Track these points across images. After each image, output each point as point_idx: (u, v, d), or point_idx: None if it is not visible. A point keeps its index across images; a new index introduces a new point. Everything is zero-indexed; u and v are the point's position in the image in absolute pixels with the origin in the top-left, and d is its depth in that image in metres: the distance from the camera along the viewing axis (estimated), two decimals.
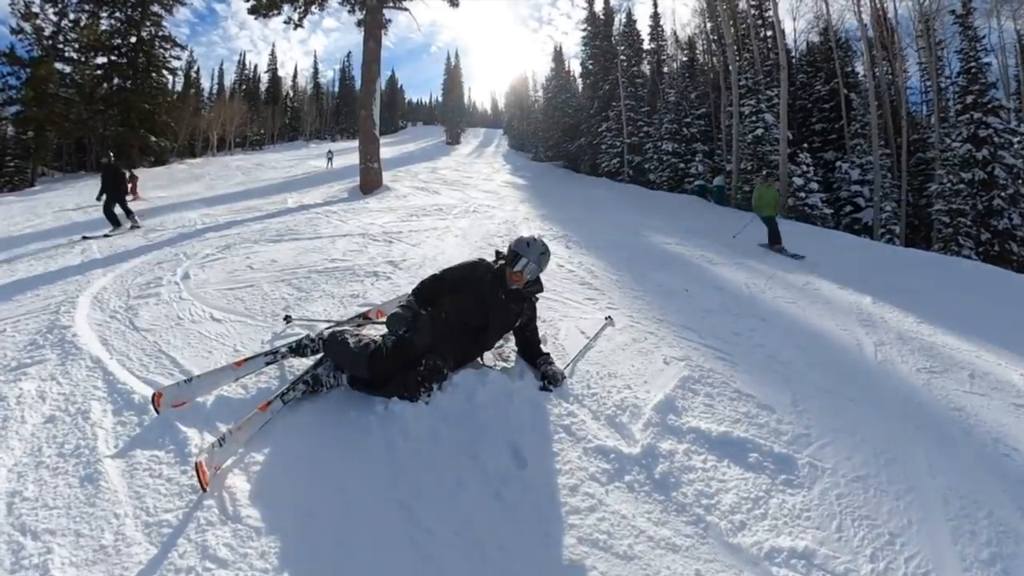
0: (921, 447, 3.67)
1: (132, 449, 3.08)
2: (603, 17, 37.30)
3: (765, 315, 6.47)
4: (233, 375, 3.41)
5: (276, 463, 2.95)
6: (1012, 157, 19.34)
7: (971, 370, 5.32)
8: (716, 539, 2.66)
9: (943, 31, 23.28)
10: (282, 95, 44.86)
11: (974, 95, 20.19)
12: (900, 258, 14.01)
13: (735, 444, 3.35)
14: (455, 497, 2.75)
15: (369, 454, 3.04)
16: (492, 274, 3.93)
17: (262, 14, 20.42)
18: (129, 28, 38.61)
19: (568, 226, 12.07)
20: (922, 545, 2.75)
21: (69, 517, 2.60)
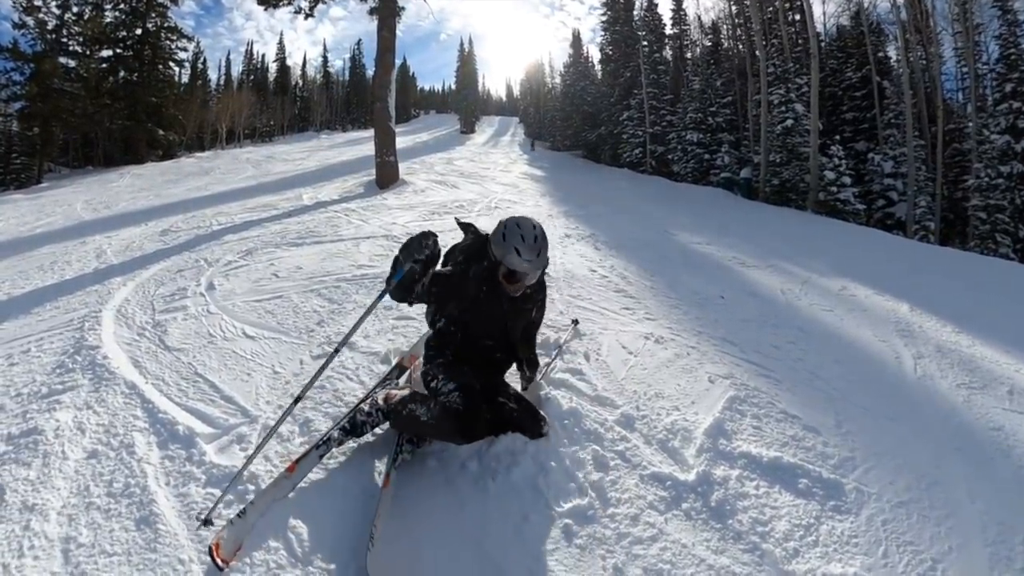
0: (961, 470, 3.78)
1: (185, 486, 3.11)
2: (623, 1, 37.16)
3: (803, 325, 6.58)
4: (289, 485, 3.04)
5: (335, 503, 3.01)
6: None
7: (1010, 386, 5.38)
8: (772, 566, 2.80)
9: (981, 14, 23.04)
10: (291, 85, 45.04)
11: (1013, 83, 20.08)
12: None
13: (785, 470, 3.49)
14: (521, 532, 2.88)
15: (431, 492, 3.14)
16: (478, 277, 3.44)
17: (272, 4, 20.55)
18: (134, 20, 38.87)
19: (594, 224, 12.13)
20: (962, 571, 2.89)
21: (131, 565, 2.61)
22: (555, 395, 3.95)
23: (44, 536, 2.79)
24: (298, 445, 3.44)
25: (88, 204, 16.91)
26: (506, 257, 3.26)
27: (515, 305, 3.53)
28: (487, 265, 3.42)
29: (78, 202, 17.61)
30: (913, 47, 24.89)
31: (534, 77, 49.98)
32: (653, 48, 34.07)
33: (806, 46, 23.00)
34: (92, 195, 18.96)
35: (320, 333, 5.25)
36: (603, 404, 4.07)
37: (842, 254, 12.41)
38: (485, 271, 3.43)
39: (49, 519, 2.90)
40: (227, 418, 3.80)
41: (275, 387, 4.24)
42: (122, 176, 26.20)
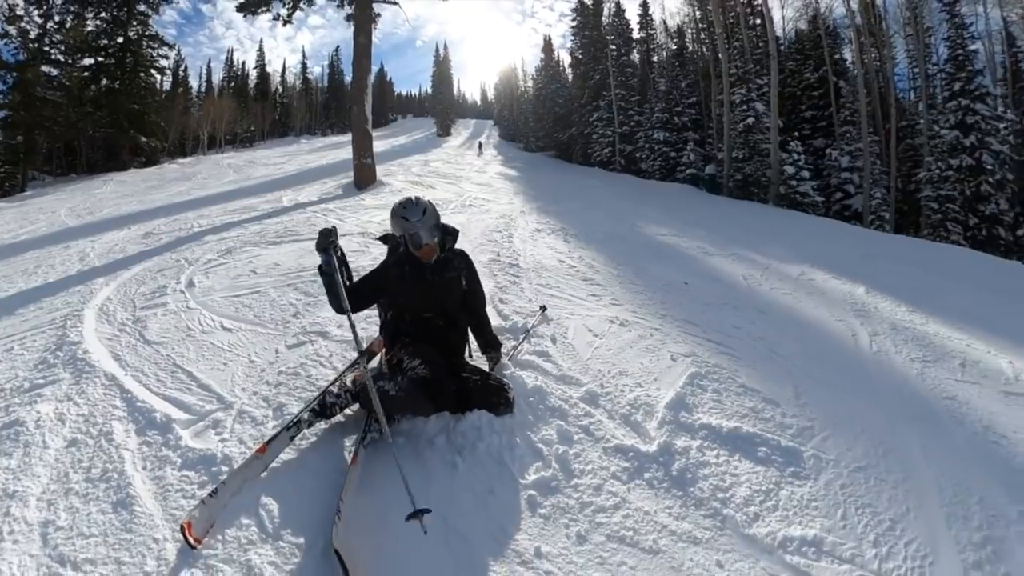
0: (916, 436, 3.83)
1: (161, 469, 3.08)
2: (592, 7, 37.27)
3: (763, 307, 6.65)
4: (261, 466, 3.05)
5: (304, 481, 2.98)
6: (999, 143, 19.61)
7: (962, 359, 5.48)
8: (733, 531, 2.80)
9: (930, 18, 23.50)
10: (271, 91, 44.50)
11: (961, 82, 20.42)
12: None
13: (745, 439, 3.50)
14: (486, 504, 2.85)
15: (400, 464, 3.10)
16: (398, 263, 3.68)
17: (251, 11, 20.33)
18: (116, 28, 38.04)
19: (565, 219, 12.18)
20: (920, 531, 2.91)
21: (107, 545, 2.59)
22: (521, 375, 3.93)
23: (24, 521, 2.74)
24: (271, 428, 3.39)
25: (72, 211, 16.54)
26: (402, 227, 3.56)
27: (437, 274, 3.68)
28: (400, 250, 3.65)
29: (62, 209, 17.22)
30: (867, 49, 25.25)
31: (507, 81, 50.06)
32: (621, 52, 34.21)
33: (766, 49, 23.28)
34: (76, 202, 18.60)
35: (295, 324, 5.17)
36: (568, 383, 4.05)
37: (801, 243, 12.55)
38: (400, 256, 3.67)
39: (29, 505, 2.85)
40: (203, 405, 3.75)
41: (250, 375, 4.18)
42: (105, 183, 25.69)
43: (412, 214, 3.56)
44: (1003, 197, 19.48)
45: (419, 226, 3.54)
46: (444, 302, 3.70)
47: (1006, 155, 19.77)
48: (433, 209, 3.68)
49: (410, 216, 3.55)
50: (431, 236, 3.60)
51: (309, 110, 46.40)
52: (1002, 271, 12.45)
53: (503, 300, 5.88)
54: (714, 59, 27.19)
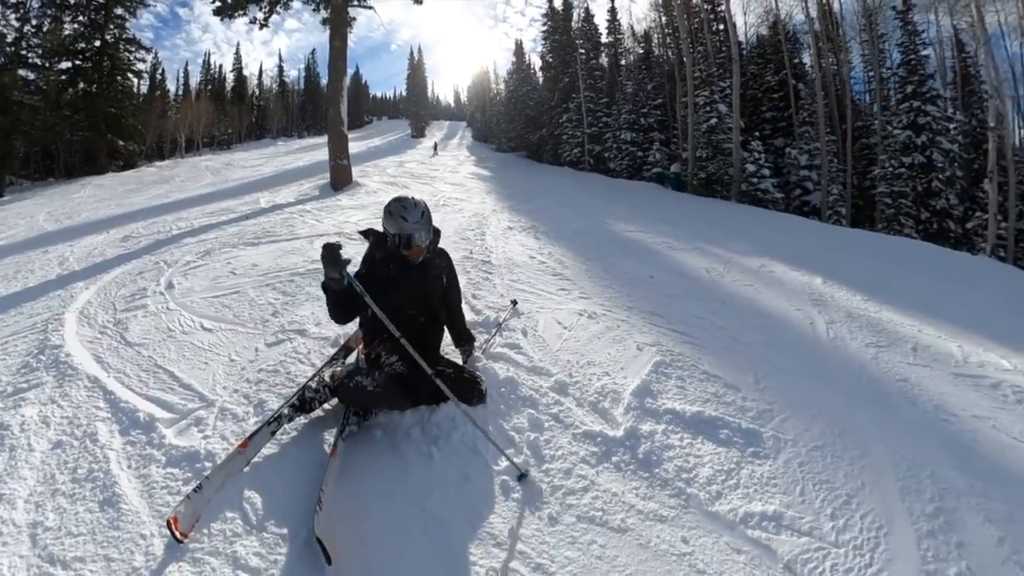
0: (871, 417, 3.92)
1: (146, 468, 3.07)
2: (562, 12, 37.37)
3: (725, 298, 6.75)
4: (243, 460, 3.06)
5: (286, 474, 3.00)
6: (948, 142, 20.10)
7: (914, 343, 5.61)
8: (697, 508, 2.87)
9: (885, 25, 23.98)
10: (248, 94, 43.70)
11: (913, 85, 20.87)
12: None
13: (707, 422, 3.57)
14: (463, 491, 2.90)
15: (377, 459, 3.15)
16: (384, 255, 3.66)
17: (228, 14, 20.05)
18: (93, 32, 36.84)
19: (535, 216, 12.21)
20: (875, 504, 2.99)
21: (96, 543, 2.59)
22: (493, 367, 3.98)
23: (12, 523, 2.73)
24: (252, 424, 3.39)
25: (50, 215, 16.12)
26: (399, 226, 3.47)
27: (422, 272, 3.67)
28: (389, 247, 3.57)
29: (40, 213, 16.75)
30: (825, 54, 25.70)
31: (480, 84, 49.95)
32: (590, 56, 34.36)
33: (729, 53, 23.60)
34: (54, 206, 18.15)
35: (274, 323, 5.15)
36: (539, 373, 4.09)
37: (762, 237, 12.73)
38: (389, 252, 3.60)
39: (16, 507, 2.84)
40: (185, 403, 3.73)
41: (231, 373, 4.16)
42: (83, 187, 25.11)
43: (411, 215, 3.49)
44: (952, 193, 19.97)
45: (417, 227, 3.50)
46: (427, 299, 3.71)
47: (955, 153, 20.28)
48: (428, 210, 3.65)
49: (409, 217, 3.49)
50: (425, 238, 3.58)
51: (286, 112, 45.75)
52: (952, 261, 12.79)
53: (476, 296, 5.90)
54: (679, 63, 27.48)
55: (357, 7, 19.82)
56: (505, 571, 2.47)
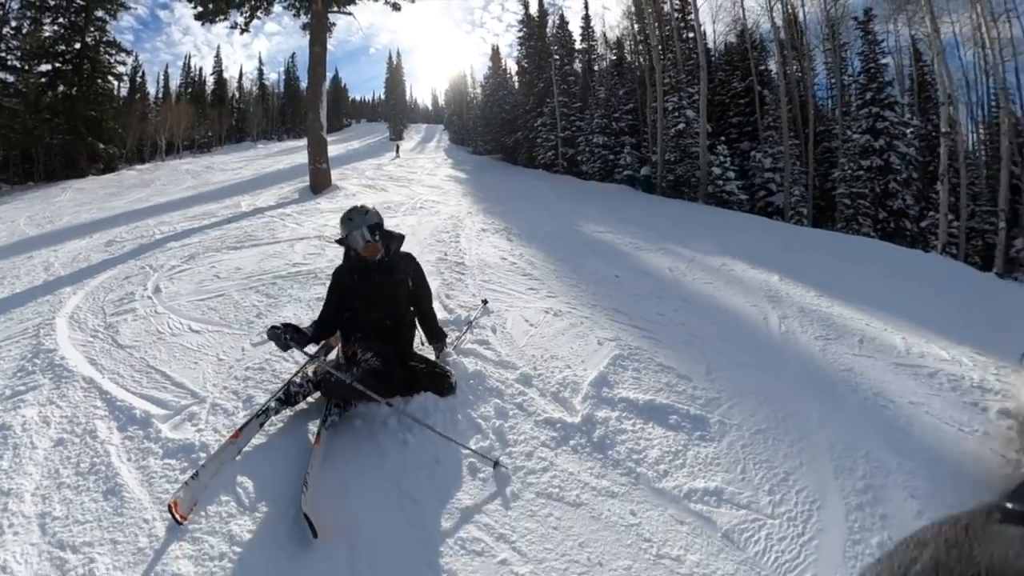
0: (814, 403, 4.20)
1: (145, 460, 3.22)
2: (537, 19, 37.47)
3: (686, 296, 7.02)
4: (236, 449, 3.21)
5: (275, 461, 3.18)
6: (905, 146, 20.64)
7: (860, 336, 5.90)
8: (645, 485, 3.13)
9: (847, 35, 24.51)
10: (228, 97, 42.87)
11: (873, 92, 21.37)
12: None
13: (658, 409, 3.84)
14: (434, 473, 3.12)
15: (357, 446, 3.35)
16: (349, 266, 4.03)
17: (209, 19, 19.91)
18: (73, 34, 35.59)
19: (509, 218, 12.31)
20: (810, 481, 3.27)
21: (102, 529, 2.73)
22: (463, 361, 4.25)
23: (21, 515, 2.85)
24: (242, 418, 3.55)
25: (31, 220, 15.76)
26: (348, 227, 3.88)
27: (386, 277, 3.95)
28: (351, 255, 3.98)
29: (21, 218, 16.29)
30: (790, 61, 26.18)
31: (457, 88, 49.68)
32: (564, 61, 34.50)
33: (697, 60, 23.99)
34: (35, 211, 17.79)
35: (259, 324, 5.27)
36: (505, 367, 4.33)
37: (726, 237, 13.00)
38: (352, 261, 3.98)
39: (24, 500, 2.95)
40: (178, 400, 3.88)
41: (220, 372, 4.31)
42: (64, 191, 24.64)
43: (355, 215, 3.88)
44: (909, 194, 20.51)
45: (362, 223, 3.85)
46: (391, 303, 3.94)
47: (911, 156, 20.82)
48: (375, 210, 3.99)
49: (354, 217, 3.87)
50: (372, 233, 3.88)
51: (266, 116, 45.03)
52: (906, 259, 13.21)
53: (449, 296, 6.08)
54: (649, 69, 27.75)
55: (337, 12, 19.78)
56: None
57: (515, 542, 2.70)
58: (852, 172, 21.33)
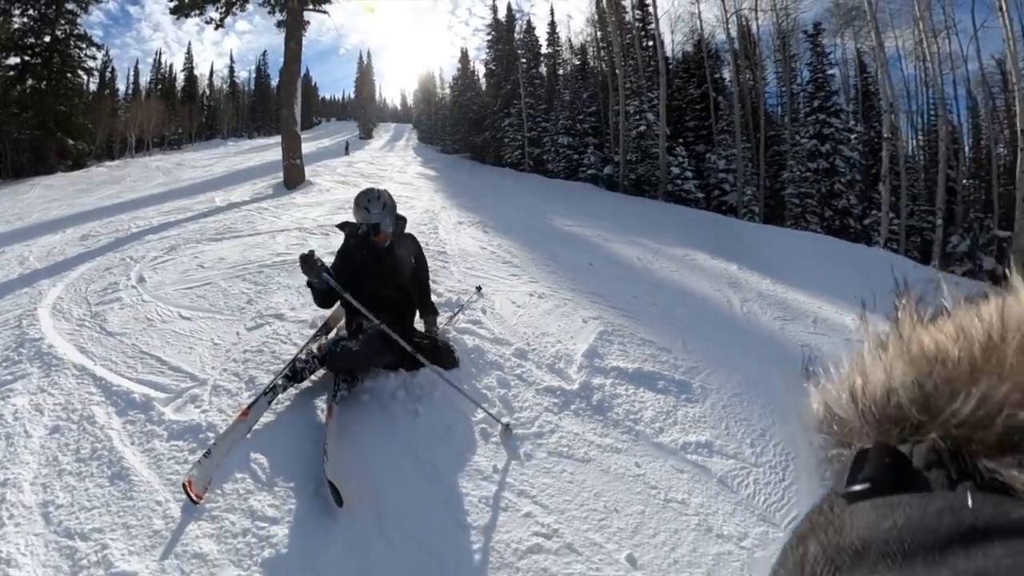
0: (779, 373, 4.42)
1: (150, 442, 3.13)
2: (505, 23, 37.51)
3: (656, 281, 7.25)
4: (246, 427, 3.14)
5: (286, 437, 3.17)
6: (849, 151, 21.40)
7: (814, 317, 6.25)
8: (645, 441, 3.34)
9: (797, 47, 25.10)
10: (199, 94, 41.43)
11: (820, 100, 22.09)
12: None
13: (647, 376, 4.05)
14: (448, 439, 3.21)
15: (369, 418, 3.38)
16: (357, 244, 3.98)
17: (184, 14, 19.40)
18: (43, 27, 33.81)
19: (482, 213, 12.32)
20: (783, 436, 3.53)
21: (112, 514, 2.63)
22: (462, 338, 4.31)
23: (21, 505, 2.73)
24: (247, 398, 3.50)
25: None
26: (364, 217, 3.84)
27: (391, 256, 3.95)
28: (360, 235, 3.93)
29: None
30: (743, 70, 26.80)
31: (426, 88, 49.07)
32: (531, 65, 34.57)
33: (657, 67, 24.67)
34: (3, 207, 16.80)
35: (251, 309, 5.15)
36: (501, 343, 4.41)
37: (686, 231, 13.31)
38: (361, 240, 3.94)
39: (23, 489, 2.83)
40: (178, 384, 3.78)
41: (217, 355, 4.21)
42: (32, 187, 23.61)
43: (373, 207, 3.84)
44: (852, 194, 21.27)
45: (379, 217, 3.84)
46: (397, 279, 3.96)
47: (855, 160, 21.59)
48: (391, 200, 3.99)
49: (372, 208, 3.83)
50: (388, 226, 3.91)
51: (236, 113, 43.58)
52: (850, 252, 13.82)
53: (436, 281, 6.04)
54: (612, 75, 28.16)
55: (313, 11, 19.46)
56: None
57: (535, 496, 2.82)
58: (800, 174, 22.02)
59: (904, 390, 0.33)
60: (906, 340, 0.36)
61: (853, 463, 0.33)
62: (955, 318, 0.35)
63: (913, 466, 0.31)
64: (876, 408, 0.35)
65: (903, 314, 0.39)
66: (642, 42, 28.35)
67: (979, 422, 0.29)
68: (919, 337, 0.35)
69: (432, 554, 2.54)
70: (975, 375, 0.30)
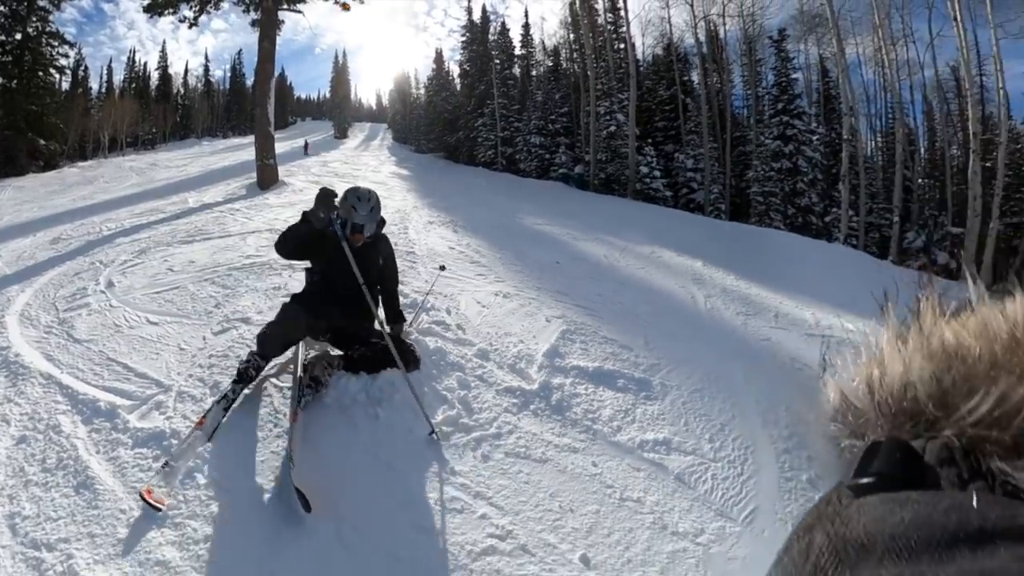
0: (740, 368, 4.51)
1: (115, 451, 3.05)
2: (480, 25, 37.38)
3: (621, 279, 7.24)
4: (203, 436, 3.05)
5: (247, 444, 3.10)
6: (811, 151, 21.80)
7: (775, 312, 6.29)
8: (602, 440, 3.31)
9: (762, 52, 25.42)
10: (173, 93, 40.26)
11: (784, 103, 22.43)
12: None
13: (607, 374, 4.03)
14: (407, 441, 3.15)
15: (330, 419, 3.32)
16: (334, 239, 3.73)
17: (158, 12, 18.83)
18: (14, 23, 32.34)
19: (453, 212, 12.22)
20: (743, 430, 3.55)
21: (77, 523, 2.57)
22: (424, 339, 4.23)
23: None
24: (210, 404, 3.37)
25: None
26: (350, 215, 3.70)
27: (363, 255, 3.76)
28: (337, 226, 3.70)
29: None
30: (710, 74, 27.08)
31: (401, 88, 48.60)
32: (504, 66, 34.48)
33: (627, 69, 24.77)
34: None
35: (218, 314, 5.03)
36: (463, 344, 4.36)
37: (653, 228, 13.27)
38: (335, 234, 3.71)
39: None
40: (143, 390, 3.68)
41: (183, 361, 4.11)
42: (3, 189, 22.92)
43: (362, 207, 3.72)
44: (814, 192, 21.63)
45: (365, 219, 3.73)
46: (366, 276, 3.77)
47: (817, 160, 21.97)
48: (379, 205, 3.89)
49: (360, 209, 3.72)
50: (370, 229, 3.81)
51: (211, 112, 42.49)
52: (812, 248, 13.97)
53: (402, 282, 5.99)
54: (583, 76, 28.18)
55: (287, 10, 19.03)
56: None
57: (491, 498, 2.79)
58: (764, 173, 22.30)
59: (922, 384, 0.33)
60: (927, 334, 0.36)
61: (864, 455, 0.32)
62: (979, 314, 0.34)
63: (925, 462, 0.30)
64: (892, 400, 0.34)
65: (925, 307, 0.38)
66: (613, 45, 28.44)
67: (995, 422, 0.29)
68: (940, 331, 0.35)
69: (389, 557, 2.51)
70: (995, 373, 0.30)
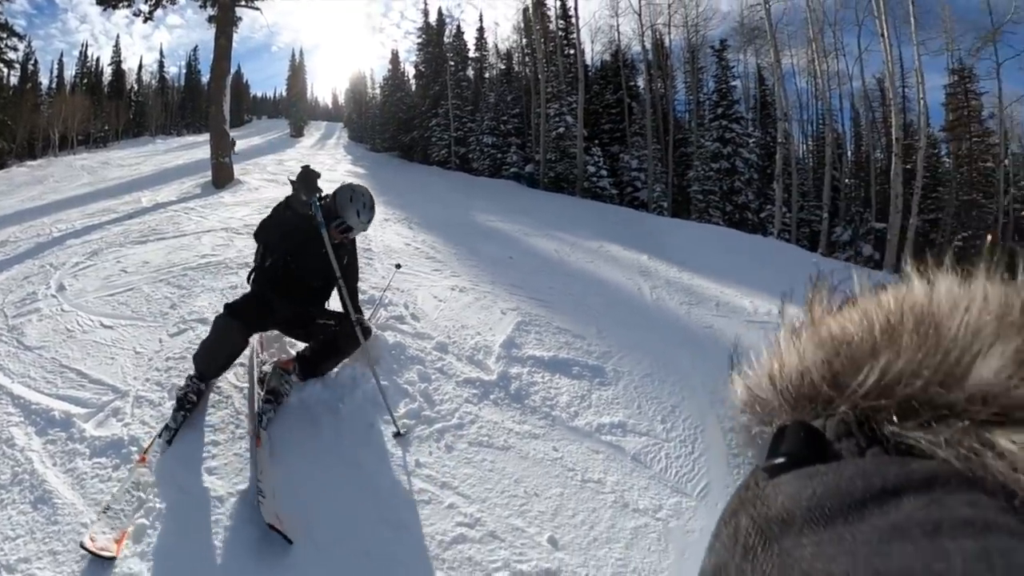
0: (686, 354, 4.63)
1: (72, 462, 2.87)
2: (436, 27, 37.04)
3: (571, 272, 7.28)
4: (148, 472, 2.77)
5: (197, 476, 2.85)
6: (748, 153, 22.70)
7: (717, 301, 6.46)
8: (561, 425, 3.36)
9: (704, 60, 26.14)
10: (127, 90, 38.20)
11: (723, 108, 23.24)
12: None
13: (562, 363, 4.08)
14: (369, 436, 3.11)
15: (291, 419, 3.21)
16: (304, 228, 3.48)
17: (112, 5, 17.86)
18: None
19: (408, 209, 12.03)
20: (692, 411, 3.67)
21: (36, 541, 2.41)
22: (383, 335, 4.14)
23: None
24: (169, 407, 3.21)
25: None
26: (349, 216, 3.45)
27: (338, 248, 3.56)
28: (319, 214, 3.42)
29: None
30: (655, 79, 27.60)
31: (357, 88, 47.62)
32: (458, 68, 34.21)
33: (577, 74, 25.14)
34: None
35: (174, 315, 4.76)
36: (422, 338, 4.29)
37: (601, 225, 13.45)
38: (306, 221, 3.44)
39: None
40: (99, 397, 3.45)
41: (139, 364, 3.87)
42: None
43: (364, 216, 3.54)
44: (751, 191, 22.42)
45: (360, 228, 3.59)
46: (328, 272, 3.57)
47: (753, 161, 22.79)
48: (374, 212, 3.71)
49: (362, 217, 3.53)
50: (355, 235, 3.70)
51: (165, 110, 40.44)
52: (748, 242, 14.46)
53: (360, 279, 5.91)
54: (535, 79, 28.33)
55: (244, 7, 18.22)
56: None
57: (457, 487, 2.78)
58: (704, 173, 22.96)
59: (815, 369, 0.35)
60: (816, 326, 0.38)
61: (773, 439, 0.34)
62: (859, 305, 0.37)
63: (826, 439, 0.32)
64: (792, 388, 0.36)
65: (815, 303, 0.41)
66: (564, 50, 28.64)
67: (882, 392, 0.31)
68: (828, 323, 0.37)
69: (359, 553, 2.45)
70: (876, 352, 0.32)
